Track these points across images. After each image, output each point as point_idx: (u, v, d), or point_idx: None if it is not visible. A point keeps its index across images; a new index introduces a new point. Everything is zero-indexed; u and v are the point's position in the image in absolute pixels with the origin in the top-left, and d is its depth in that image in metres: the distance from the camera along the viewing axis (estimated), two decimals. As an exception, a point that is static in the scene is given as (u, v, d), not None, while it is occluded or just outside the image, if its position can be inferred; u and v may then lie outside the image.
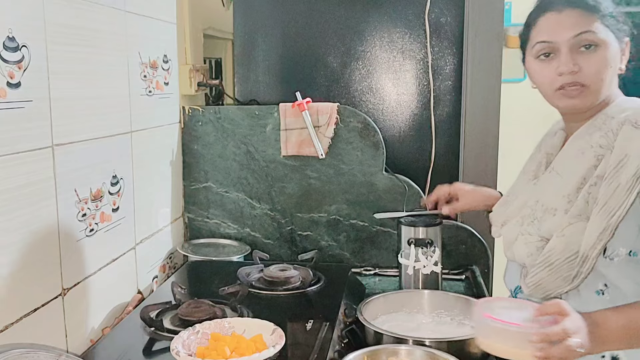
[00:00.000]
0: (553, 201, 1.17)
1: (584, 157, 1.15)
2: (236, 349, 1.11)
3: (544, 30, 1.17)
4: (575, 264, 1.11)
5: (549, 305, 1.00)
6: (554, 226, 1.15)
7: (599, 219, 1.08)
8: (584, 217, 1.11)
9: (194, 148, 1.86)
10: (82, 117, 1.28)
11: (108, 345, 1.26)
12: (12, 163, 1.06)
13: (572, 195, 1.14)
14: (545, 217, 1.18)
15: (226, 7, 2.08)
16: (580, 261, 1.10)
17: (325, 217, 1.84)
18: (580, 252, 1.10)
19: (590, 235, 1.09)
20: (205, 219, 1.89)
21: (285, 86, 1.92)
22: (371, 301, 1.37)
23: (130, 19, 1.48)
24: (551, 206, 1.17)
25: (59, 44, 1.19)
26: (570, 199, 1.14)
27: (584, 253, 1.10)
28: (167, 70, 1.72)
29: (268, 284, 1.53)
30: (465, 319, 1.35)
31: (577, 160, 1.16)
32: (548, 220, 1.17)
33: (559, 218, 1.15)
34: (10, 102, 1.04)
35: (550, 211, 1.17)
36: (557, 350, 0.94)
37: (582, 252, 1.10)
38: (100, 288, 1.37)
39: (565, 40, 1.13)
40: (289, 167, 1.83)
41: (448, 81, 1.86)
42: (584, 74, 1.13)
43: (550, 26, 1.16)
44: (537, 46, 1.18)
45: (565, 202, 1.15)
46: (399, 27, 1.85)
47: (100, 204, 1.36)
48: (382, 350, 1.16)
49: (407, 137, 1.90)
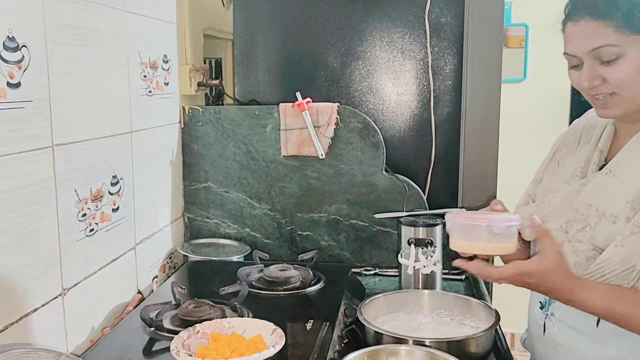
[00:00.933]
0: (612, 207, 1.08)
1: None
2: (236, 349, 1.11)
3: (567, 42, 1.12)
4: (631, 277, 1.05)
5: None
6: (613, 235, 1.07)
7: None
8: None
9: (194, 148, 1.86)
10: (82, 117, 1.28)
11: (108, 345, 1.25)
12: (12, 163, 1.06)
13: (636, 202, 1.06)
14: (601, 224, 1.09)
15: (226, 7, 2.08)
16: (637, 275, 1.05)
17: (325, 217, 1.84)
18: (639, 265, 1.04)
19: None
20: (205, 219, 1.89)
21: (285, 86, 1.92)
22: (371, 301, 1.37)
23: (130, 19, 1.48)
24: (610, 212, 1.09)
25: (59, 44, 1.19)
26: (634, 206, 1.06)
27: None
28: (167, 70, 1.72)
29: (268, 284, 1.53)
30: (465, 319, 1.35)
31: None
32: (606, 228, 1.08)
33: (619, 226, 1.07)
34: (10, 102, 1.04)
35: (610, 218, 1.08)
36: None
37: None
38: (100, 288, 1.37)
39: (584, 53, 1.08)
40: (289, 167, 1.83)
41: (448, 81, 1.86)
42: (610, 85, 1.08)
43: (571, 37, 1.11)
44: (565, 56, 1.14)
45: (628, 209, 1.06)
46: (399, 27, 1.85)
47: (100, 204, 1.36)
48: (382, 350, 1.16)
49: (407, 137, 1.90)
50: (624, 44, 1.05)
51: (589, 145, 1.21)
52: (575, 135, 1.28)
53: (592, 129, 1.24)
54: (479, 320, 1.32)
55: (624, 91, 1.07)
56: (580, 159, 1.21)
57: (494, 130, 1.82)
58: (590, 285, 1.08)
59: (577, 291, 1.08)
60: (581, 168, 1.19)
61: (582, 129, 1.27)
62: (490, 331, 1.23)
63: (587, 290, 1.07)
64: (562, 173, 1.25)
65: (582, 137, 1.25)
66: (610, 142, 1.19)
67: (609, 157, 1.18)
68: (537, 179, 1.34)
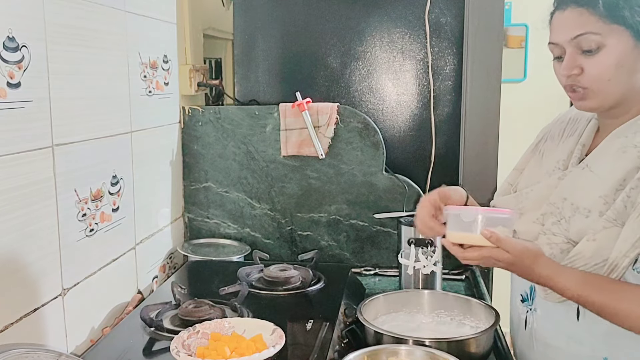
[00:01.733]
0: (586, 201, 1.09)
1: (626, 156, 1.07)
2: (236, 349, 1.11)
3: (552, 31, 1.14)
4: (602, 271, 1.06)
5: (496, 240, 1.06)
6: (586, 229, 1.08)
7: (637, 225, 1.01)
8: (619, 222, 1.04)
9: (194, 148, 1.86)
10: (82, 117, 1.28)
11: (108, 345, 1.25)
12: (12, 163, 1.06)
13: (609, 197, 1.07)
14: (575, 217, 1.10)
15: (226, 7, 2.08)
16: (608, 269, 1.05)
17: (325, 217, 1.84)
18: (610, 259, 1.04)
19: (623, 242, 1.02)
20: (205, 219, 1.89)
21: (285, 86, 1.92)
22: (371, 301, 1.37)
23: (130, 19, 1.48)
24: (584, 206, 1.09)
25: (59, 44, 1.19)
26: (607, 201, 1.07)
27: (613, 261, 1.04)
28: (167, 70, 1.72)
29: (268, 284, 1.53)
30: (465, 318, 1.35)
31: (617, 160, 1.08)
32: (579, 222, 1.09)
33: (592, 220, 1.08)
34: (10, 102, 1.04)
35: (583, 212, 1.09)
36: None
37: (612, 259, 1.04)
38: (100, 288, 1.37)
39: (566, 42, 1.09)
40: (289, 167, 1.83)
41: (448, 81, 1.86)
42: (586, 77, 1.09)
43: (555, 26, 1.13)
44: (549, 47, 1.15)
45: (600, 203, 1.07)
46: (399, 27, 1.85)
47: (100, 204, 1.36)
48: (382, 350, 1.16)
49: (407, 137, 1.90)
50: (605, 33, 1.06)
51: (572, 138, 1.22)
52: (560, 126, 1.28)
53: (577, 122, 1.25)
54: (479, 320, 1.32)
55: (597, 85, 1.09)
56: (563, 152, 1.22)
57: (494, 130, 1.82)
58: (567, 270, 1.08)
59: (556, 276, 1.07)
60: (563, 161, 1.21)
61: (567, 121, 1.28)
62: (490, 331, 1.23)
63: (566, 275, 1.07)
64: (545, 164, 1.26)
65: (567, 129, 1.26)
66: (593, 136, 1.19)
67: (589, 152, 1.19)
68: (518, 167, 1.34)
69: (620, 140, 1.10)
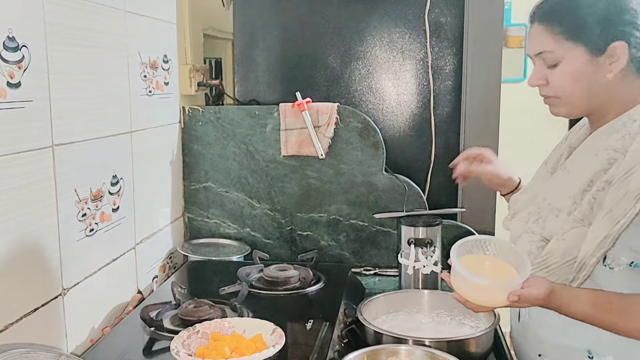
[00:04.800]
0: (558, 201, 1.14)
1: (596, 158, 1.10)
2: (236, 348, 1.11)
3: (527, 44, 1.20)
4: (572, 269, 1.09)
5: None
6: (556, 228, 1.12)
7: (602, 226, 1.04)
8: (586, 222, 1.08)
9: (194, 148, 1.86)
10: (82, 117, 1.28)
11: (108, 345, 1.26)
12: (12, 163, 1.06)
13: (577, 197, 1.10)
14: (549, 217, 1.15)
15: (226, 7, 2.08)
16: (577, 267, 1.08)
17: (325, 217, 1.84)
18: (579, 258, 1.07)
19: (590, 242, 1.06)
20: (205, 219, 1.89)
21: (285, 86, 1.92)
22: (371, 301, 1.37)
23: (130, 19, 1.48)
24: (556, 206, 1.14)
25: (59, 44, 1.19)
26: (575, 201, 1.10)
27: (582, 259, 1.07)
28: (167, 70, 1.72)
29: (268, 284, 1.53)
30: (465, 318, 1.35)
31: (588, 161, 1.11)
32: (551, 221, 1.14)
33: (561, 220, 1.12)
34: (10, 102, 1.04)
35: (555, 212, 1.14)
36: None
37: (581, 258, 1.07)
38: (100, 288, 1.37)
39: (532, 55, 1.17)
40: (289, 167, 1.83)
41: (448, 81, 1.86)
42: (551, 88, 1.15)
43: (528, 39, 1.19)
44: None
45: (569, 203, 1.11)
46: (399, 27, 1.85)
47: (100, 204, 1.36)
48: (382, 350, 1.16)
49: (407, 137, 1.90)
50: (559, 50, 1.11)
51: (565, 143, 1.28)
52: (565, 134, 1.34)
53: (577, 129, 1.29)
54: (479, 320, 1.32)
55: (562, 94, 1.14)
56: (556, 155, 1.28)
57: (494, 130, 1.82)
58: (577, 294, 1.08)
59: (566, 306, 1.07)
60: (553, 164, 1.26)
61: (572, 129, 1.33)
62: (490, 331, 1.24)
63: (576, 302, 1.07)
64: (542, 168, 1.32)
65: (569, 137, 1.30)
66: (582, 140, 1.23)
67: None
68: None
69: (595, 143, 1.14)
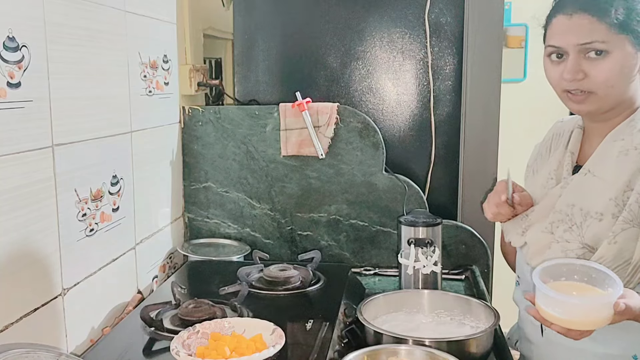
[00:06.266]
0: (597, 206, 1.12)
1: (628, 158, 1.10)
2: (236, 348, 1.11)
3: (555, 34, 1.15)
4: (626, 272, 1.07)
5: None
6: (602, 232, 1.10)
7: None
8: (636, 222, 1.06)
9: (194, 148, 1.86)
10: (82, 117, 1.28)
11: (108, 345, 1.26)
12: (12, 163, 1.06)
13: (619, 199, 1.09)
14: (588, 222, 1.13)
15: (226, 7, 2.08)
16: (632, 270, 1.06)
17: (325, 217, 1.84)
18: (634, 260, 1.06)
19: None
20: (205, 219, 1.89)
21: (285, 86, 1.92)
22: (371, 301, 1.37)
23: (130, 19, 1.48)
24: (595, 211, 1.12)
25: (59, 44, 1.19)
26: (617, 203, 1.09)
27: (637, 262, 1.05)
28: (167, 70, 1.72)
29: (268, 284, 1.53)
30: (465, 318, 1.35)
31: (619, 162, 1.11)
32: (593, 226, 1.12)
33: (607, 223, 1.10)
34: (10, 102, 1.04)
35: (595, 216, 1.12)
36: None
37: (636, 260, 1.06)
38: (100, 288, 1.37)
39: (572, 46, 1.11)
40: (289, 167, 1.83)
41: (448, 81, 1.86)
42: (590, 81, 1.11)
43: (560, 31, 1.14)
44: (548, 48, 1.17)
45: (612, 206, 1.10)
46: (399, 27, 1.85)
47: (100, 204, 1.37)
48: (382, 350, 1.16)
49: (407, 137, 1.90)
50: (612, 41, 1.08)
51: (559, 151, 1.26)
52: (546, 144, 1.33)
53: (561, 136, 1.29)
54: (479, 320, 1.32)
55: (602, 89, 1.11)
56: (553, 163, 1.26)
57: (494, 130, 1.82)
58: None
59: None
60: (554, 171, 1.24)
61: (552, 137, 1.32)
62: (490, 331, 1.23)
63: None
64: (538, 179, 1.30)
65: (552, 145, 1.30)
66: (580, 144, 1.23)
67: (580, 158, 1.23)
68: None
69: (618, 143, 1.13)
